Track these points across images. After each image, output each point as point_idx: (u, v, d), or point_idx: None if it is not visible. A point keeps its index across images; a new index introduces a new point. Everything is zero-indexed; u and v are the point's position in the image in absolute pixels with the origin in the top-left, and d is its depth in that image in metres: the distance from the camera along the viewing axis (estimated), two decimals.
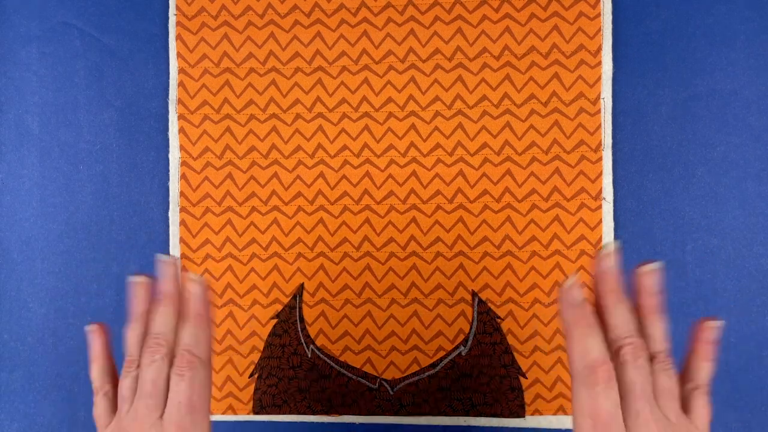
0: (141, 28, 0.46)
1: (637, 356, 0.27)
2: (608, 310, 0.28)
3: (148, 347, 0.30)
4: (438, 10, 0.44)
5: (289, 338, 0.45)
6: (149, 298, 0.31)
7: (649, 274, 0.28)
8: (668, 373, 0.28)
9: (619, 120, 0.43)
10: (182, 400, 0.29)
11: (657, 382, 0.28)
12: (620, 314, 0.28)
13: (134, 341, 0.31)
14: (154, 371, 0.29)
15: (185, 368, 0.29)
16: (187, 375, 0.29)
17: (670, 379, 0.28)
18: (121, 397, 0.30)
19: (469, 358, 0.44)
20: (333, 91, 0.45)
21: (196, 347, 0.30)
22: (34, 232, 0.47)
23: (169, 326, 0.30)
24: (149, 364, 0.30)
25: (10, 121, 0.47)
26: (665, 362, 0.28)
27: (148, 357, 0.30)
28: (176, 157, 0.46)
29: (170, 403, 0.29)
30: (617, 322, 0.27)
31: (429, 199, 0.44)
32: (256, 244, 0.45)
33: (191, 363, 0.30)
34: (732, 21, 0.43)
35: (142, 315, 0.31)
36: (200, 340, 0.30)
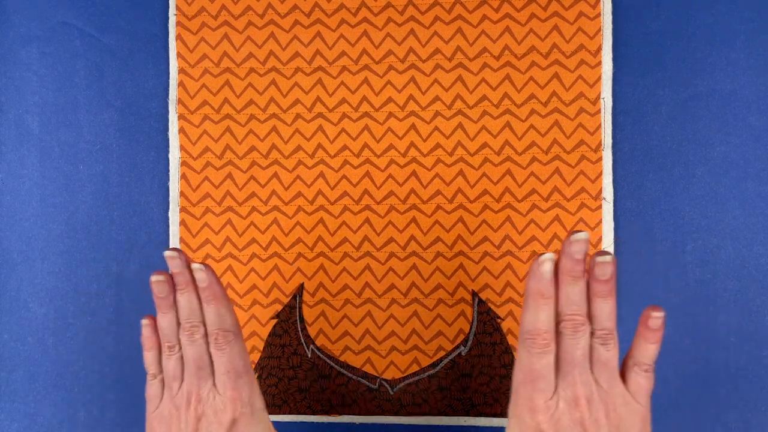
0: (141, 28, 0.46)
1: (576, 330, 0.30)
2: (561, 286, 0.31)
3: (185, 330, 0.34)
4: (438, 10, 0.44)
5: (289, 338, 0.45)
6: (171, 290, 0.34)
7: (600, 264, 0.30)
8: (606, 347, 0.31)
9: (619, 120, 0.43)
10: (228, 368, 0.34)
11: (594, 354, 0.31)
12: (569, 292, 0.31)
13: (169, 329, 0.34)
14: (197, 349, 0.34)
15: (223, 343, 0.34)
16: (226, 349, 0.34)
17: (607, 351, 0.31)
18: (169, 377, 0.35)
19: (469, 358, 0.44)
20: (333, 91, 0.45)
21: (225, 323, 0.34)
22: (34, 232, 0.47)
23: (196, 309, 0.34)
24: (191, 344, 0.34)
25: (10, 121, 0.47)
26: (605, 338, 0.31)
27: (188, 338, 0.34)
28: (176, 157, 0.46)
29: (218, 374, 0.34)
30: (564, 299, 0.31)
31: (429, 199, 0.44)
32: (256, 244, 0.45)
33: (226, 337, 0.34)
34: (732, 21, 0.43)
35: (169, 305, 0.34)
36: (225, 317, 0.34)
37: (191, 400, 0.34)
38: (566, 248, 0.30)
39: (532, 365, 0.31)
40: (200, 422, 0.33)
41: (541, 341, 0.30)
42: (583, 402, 0.30)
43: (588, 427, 0.30)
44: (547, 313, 0.31)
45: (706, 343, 0.43)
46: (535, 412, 0.30)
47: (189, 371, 0.34)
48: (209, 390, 0.34)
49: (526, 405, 0.31)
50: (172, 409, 0.34)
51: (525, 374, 0.31)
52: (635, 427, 0.31)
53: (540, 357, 0.30)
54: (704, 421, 0.43)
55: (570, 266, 0.30)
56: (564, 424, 0.30)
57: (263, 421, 0.35)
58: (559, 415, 0.30)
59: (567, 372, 0.30)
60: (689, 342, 0.43)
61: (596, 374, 0.31)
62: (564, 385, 0.30)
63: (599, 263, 0.30)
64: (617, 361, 0.31)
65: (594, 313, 0.31)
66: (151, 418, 0.35)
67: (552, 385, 0.30)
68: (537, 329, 0.30)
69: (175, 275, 0.34)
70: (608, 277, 0.30)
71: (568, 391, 0.30)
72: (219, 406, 0.33)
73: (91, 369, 0.46)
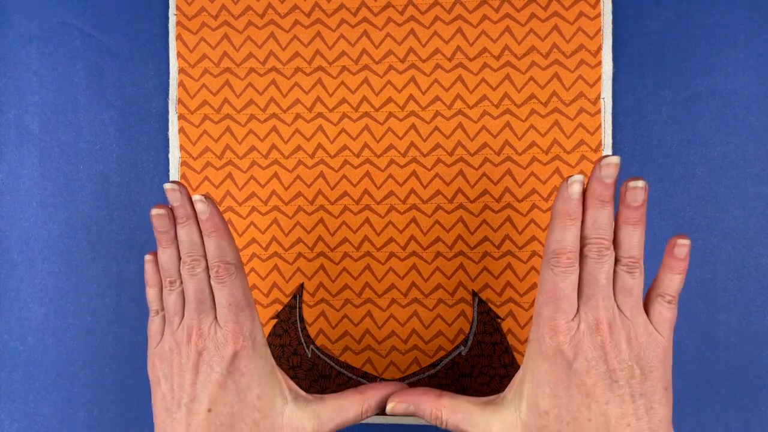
0: (141, 28, 0.46)
1: (601, 254, 0.30)
2: (587, 210, 0.30)
3: (186, 264, 0.33)
4: (438, 10, 0.44)
5: (289, 338, 0.45)
6: (172, 224, 0.34)
7: (632, 190, 0.30)
8: (632, 275, 0.31)
9: (619, 120, 0.43)
10: (230, 301, 0.33)
11: (618, 281, 0.31)
12: (595, 217, 0.30)
13: (169, 263, 0.34)
14: (198, 283, 0.33)
15: (224, 276, 0.33)
16: (227, 281, 0.33)
17: (632, 279, 0.31)
18: (170, 312, 0.34)
19: (469, 358, 0.44)
20: (333, 91, 0.45)
21: (227, 256, 0.33)
22: (34, 232, 0.47)
23: (197, 243, 0.33)
24: (191, 277, 0.33)
25: (10, 121, 0.47)
26: (631, 266, 0.31)
27: (189, 272, 0.33)
28: (176, 157, 0.46)
29: (219, 306, 0.33)
30: (589, 223, 0.30)
31: (429, 199, 0.44)
32: (256, 244, 0.45)
33: (228, 269, 0.33)
34: (732, 21, 0.43)
35: (170, 240, 0.34)
36: (226, 249, 0.33)
37: (192, 335, 0.33)
38: (596, 172, 0.30)
39: (556, 284, 0.30)
40: (201, 356, 0.33)
41: (566, 260, 0.30)
42: (605, 326, 0.30)
43: (608, 351, 0.30)
44: (573, 233, 0.30)
45: (706, 343, 0.43)
46: (556, 332, 0.30)
47: (189, 306, 0.33)
48: (210, 324, 0.33)
49: (547, 325, 0.30)
50: (173, 344, 0.34)
51: (548, 294, 0.31)
52: (656, 358, 0.30)
53: (564, 276, 0.30)
54: (704, 421, 0.43)
55: (600, 190, 0.30)
56: (584, 346, 0.30)
57: (265, 355, 0.34)
58: (580, 336, 0.30)
59: (590, 296, 0.30)
60: (689, 342, 0.43)
61: (620, 302, 0.31)
62: (586, 309, 0.30)
63: (631, 188, 0.30)
64: (642, 290, 0.31)
65: (622, 240, 0.31)
66: (152, 355, 0.35)
67: (574, 306, 0.30)
68: (563, 248, 0.30)
69: (176, 208, 0.33)
70: (639, 204, 0.30)
71: (590, 315, 0.30)
72: (220, 339, 0.33)
73: (91, 369, 0.46)
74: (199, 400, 0.33)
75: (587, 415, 0.30)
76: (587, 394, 0.30)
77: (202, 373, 0.33)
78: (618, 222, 0.31)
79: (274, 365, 0.35)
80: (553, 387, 0.30)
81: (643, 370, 0.30)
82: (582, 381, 0.30)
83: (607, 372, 0.30)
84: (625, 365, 0.30)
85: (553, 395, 0.30)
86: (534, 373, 0.31)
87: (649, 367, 0.30)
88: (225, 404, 0.33)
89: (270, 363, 0.35)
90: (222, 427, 0.32)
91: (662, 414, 0.30)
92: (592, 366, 0.30)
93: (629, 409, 0.30)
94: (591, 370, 0.30)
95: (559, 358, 0.30)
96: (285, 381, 0.35)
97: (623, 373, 0.30)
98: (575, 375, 0.30)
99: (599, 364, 0.30)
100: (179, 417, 0.33)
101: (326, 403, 0.35)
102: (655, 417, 0.30)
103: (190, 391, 0.33)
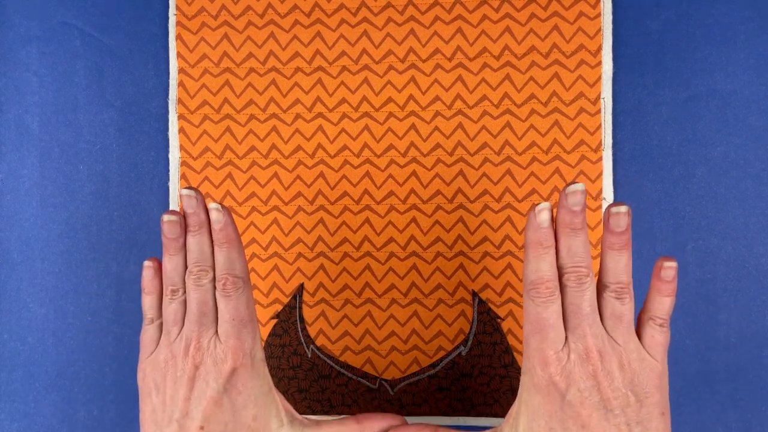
0: (141, 28, 0.46)
1: (580, 282, 0.30)
2: (560, 240, 0.30)
3: (192, 274, 0.32)
4: (438, 10, 0.44)
5: (289, 338, 0.45)
6: (182, 232, 0.33)
7: (615, 215, 0.30)
8: (621, 301, 0.30)
9: (619, 120, 0.43)
10: (234, 316, 0.32)
11: (608, 307, 0.30)
12: (569, 245, 0.30)
13: (174, 272, 0.33)
14: (203, 294, 0.32)
15: (231, 289, 0.32)
16: (233, 295, 0.32)
17: (622, 305, 0.30)
18: (168, 322, 0.33)
19: (469, 358, 0.44)
20: (333, 91, 0.45)
21: (235, 269, 0.33)
22: (34, 232, 0.47)
23: (206, 253, 0.33)
24: (196, 288, 0.32)
25: (10, 121, 0.47)
26: (619, 292, 0.30)
27: (195, 282, 0.32)
28: (176, 157, 0.46)
29: (222, 320, 0.32)
30: (564, 252, 0.30)
31: (429, 199, 0.44)
32: (256, 244, 0.45)
33: (235, 283, 0.32)
34: (732, 21, 0.43)
35: (179, 248, 0.33)
36: (236, 262, 0.33)
37: (190, 347, 0.32)
38: (563, 201, 0.30)
39: (539, 315, 0.30)
40: (198, 370, 0.32)
41: (545, 290, 0.29)
42: (595, 354, 0.29)
43: (601, 380, 0.29)
44: (549, 261, 0.30)
45: (706, 343, 0.43)
46: (547, 364, 0.29)
47: (191, 317, 0.32)
48: (210, 338, 0.32)
49: (537, 357, 0.30)
50: (169, 355, 0.32)
51: (533, 325, 0.30)
52: (651, 383, 0.30)
53: (546, 306, 0.29)
54: (704, 421, 0.43)
55: (569, 219, 0.30)
56: (576, 376, 0.29)
57: (263, 374, 0.33)
58: (571, 367, 0.29)
59: (576, 325, 0.30)
60: (689, 342, 0.43)
61: (609, 328, 0.30)
62: (574, 338, 0.29)
63: (614, 214, 0.30)
64: (633, 315, 0.30)
65: (608, 266, 0.30)
66: (144, 364, 0.34)
67: (562, 336, 0.30)
68: (540, 278, 0.30)
69: (189, 215, 0.32)
70: (623, 229, 0.30)
71: (579, 344, 0.29)
72: (219, 355, 0.32)
73: (91, 369, 0.46)
74: (192, 417, 0.31)
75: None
76: (583, 425, 0.29)
77: (197, 388, 0.32)
78: (603, 248, 0.31)
79: (271, 385, 0.34)
80: (548, 420, 0.30)
81: (638, 397, 0.29)
82: (577, 412, 0.29)
83: (601, 401, 0.29)
84: (619, 393, 0.29)
85: (549, 428, 0.30)
86: (528, 405, 0.31)
87: (644, 393, 0.29)
88: (218, 422, 0.31)
89: (268, 383, 0.34)
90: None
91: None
92: (585, 396, 0.29)
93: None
94: (585, 400, 0.29)
95: (552, 390, 0.29)
96: (281, 402, 0.35)
97: (618, 402, 0.29)
98: (569, 407, 0.29)
99: (593, 393, 0.29)
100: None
101: (321, 429, 0.34)
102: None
103: (183, 407, 0.31)
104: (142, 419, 0.33)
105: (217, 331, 0.32)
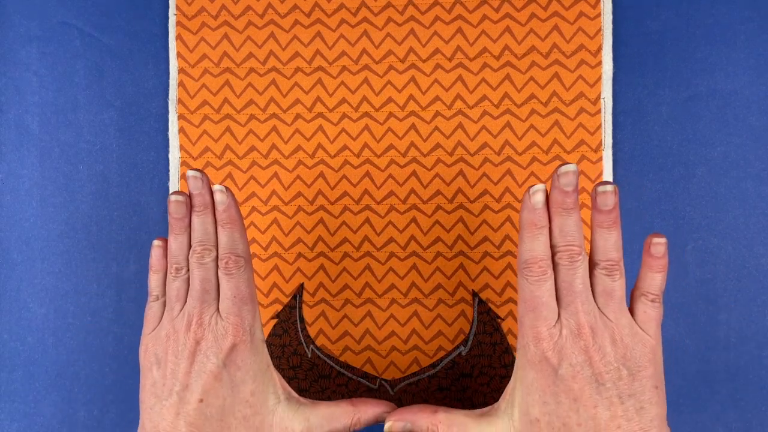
0: (141, 28, 0.46)
1: (572, 260, 0.30)
2: (553, 220, 0.31)
3: (196, 252, 0.33)
4: (438, 10, 0.44)
5: (289, 338, 0.45)
6: (188, 212, 0.34)
7: (602, 194, 0.31)
8: (612, 277, 0.31)
9: (620, 120, 0.43)
10: (235, 294, 0.33)
11: (599, 284, 0.31)
12: (561, 225, 0.31)
13: (179, 250, 0.34)
14: (206, 272, 0.33)
15: (233, 268, 0.33)
16: (235, 273, 0.33)
17: (612, 282, 0.31)
18: (171, 298, 0.34)
19: (469, 358, 0.44)
20: (333, 91, 0.45)
21: (238, 248, 0.34)
22: (34, 232, 0.47)
23: (210, 233, 0.34)
24: (200, 266, 0.33)
25: (10, 121, 0.47)
26: (610, 269, 0.31)
27: (198, 260, 0.33)
28: (176, 157, 0.46)
29: (223, 297, 0.33)
30: (556, 231, 0.31)
31: (429, 199, 0.44)
32: (256, 244, 0.45)
33: (237, 262, 0.33)
34: (732, 21, 0.43)
35: (184, 227, 0.34)
36: (239, 242, 0.34)
37: (192, 323, 0.33)
38: (555, 181, 0.30)
39: (533, 293, 0.31)
40: (199, 345, 0.33)
41: (538, 269, 0.30)
42: (587, 330, 0.30)
43: (593, 355, 0.30)
44: (542, 241, 0.31)
45: (706, 343, 0.43)
46: (539, 340, 0.30)
47: (193, 294, 0.33)
48: (212, 315, 0.33)
49: (530, 334, 0.31)
50: (171, 330, 0.33)
51: (527, 303, 0.31)
52: (644, 357, 0.30)
53: (539, 285, 0.30)
54: (704, 421, 0.43)
55: (561, 199, 0.30)
56: (568, 351, 0.30)
57: (262, 351, 0.34)
58: (563, 342, 0.30)
59: (569, 302, 0.30)
60: (689, 342, 0.43)
61: (602, 305, 0.31)
62: (567, 315, 0.30)
63: (601, 193, 0.31)
64: (624, 292, 0.31)
65: (598, 244, 0.31)
66: (147, 339, 0.35)
67: (554, 313, 0.30)
68: (533, 257, 0.31)
69: (195, 196, 0.33)
70: (611, 207, 0.30)
71: (571, 320, 0.30)
72: (220, 331, 0.33)
73: (91, 369, 0.46)
74: (192, 390, 0.32)
75: (576, 420, 0.30)
76: (575, 399, 0.30)
77: (197, 362, 0.32)
78: (592, 226, 0.31)
79: (269, 363, 0.35)
80: (542, 394, 0.31)
81: (630, 371, 0.30)
82: (569, 386, 0.30)
83: (593, 375, 0.30)
84: (611, 367, 0.30)
85: (542, 402, 0.31)
86: (523, 381, 0.32)
87: (637, 367, 0.30)
88: (217, 396, 0.32)
89: (266, 360, 0.35)
90: (212, 419, 0.32)
91: (654, 413, 0.30)
92: (577, 371, 0.30)
93: (618, 411, 0.30)
94: (576, 375, 0.30)
95: (544, 365, 0.30)
96: (279, 380, 0.35)
97: (609, 376, 0.30)
98: (561, 381, 0.30)
99: (584, 368, 0.30)
100: (168, 404, 0.32)
101: (318, 409, 0.35)
102: (645, 417, 0.30)
103: (184, 380, 0.32)
104: (143, 392, 0.34)
105: (218, 308, 0.33)
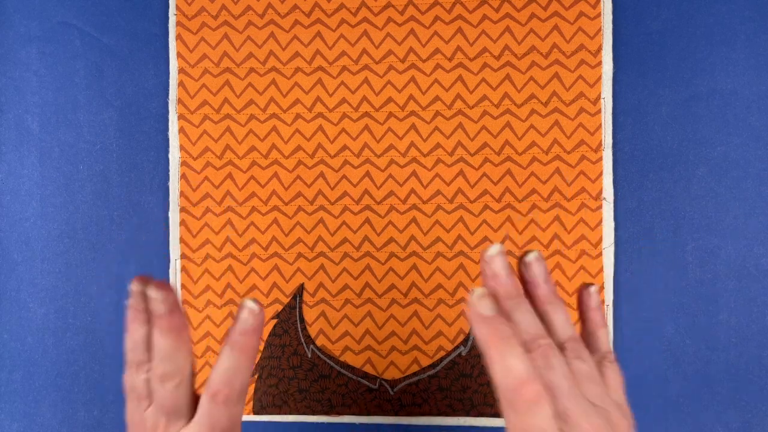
0: (141, 28, 0.46)
1: (547, 357, 0.25)
2: (508, 315, 0.26)
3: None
4: (438, 10, 0.44)
5: (289, 338, 0.45)
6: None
7: (528, 265, 0.27)
8: (581, 358, 0.26)
9: (620, 120, 0.43)
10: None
11: (573, 370, 0.26)
12: (521, 318, 0.26)
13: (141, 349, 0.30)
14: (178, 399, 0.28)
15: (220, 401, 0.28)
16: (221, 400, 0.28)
17: (584, 363, 0.26)
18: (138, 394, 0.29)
19: (469, 358, 0.44)
20: (333, 91, 0.45)
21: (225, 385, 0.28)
22: (34, 232, 0.47)
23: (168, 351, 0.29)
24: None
25: (10, 121, 0.47)
26: (576, 350, 0.27)
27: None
28: (176, 157, 0.46)
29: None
30: (520, 327, 0.26)
31: (429, 199, 0.44)
32: (256, 244, 0.45)
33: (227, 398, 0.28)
34: (732, 21, 0.43)
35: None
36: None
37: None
38: (487, 271, 0.26)
39: (533, 429, 0.24)
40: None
41: (530, 394, 0.24)
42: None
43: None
44: (517, 353, 0.25)
45: (706, 343, 0.43)
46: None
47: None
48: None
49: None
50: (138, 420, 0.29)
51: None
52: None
53: (537, 413, 0.24)
54: (704, 421, 0.43)
55: (505, 288, 0.26)
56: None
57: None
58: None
59: (564, 410, 0.25)
60: (689, 342, 0.43)
61: (585, 392, 0.26)
62: (569, 429, 0.24)
63: (527, 263, 0.27)
64: (594, 367, 0.27)
65: (550, 323, 0.27)
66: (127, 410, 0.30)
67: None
68: (518, 379, 0.24)
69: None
70: (544, 277, 0.27)
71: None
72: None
73: (91, 369, 0.46)
74: None
75: None
76: None
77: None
78: (537, 305, 0.27)
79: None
80: None
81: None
82: None
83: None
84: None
85: None
86: None
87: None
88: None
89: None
90: None
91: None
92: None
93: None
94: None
95: None
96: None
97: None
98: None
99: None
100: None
101: None
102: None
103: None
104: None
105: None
